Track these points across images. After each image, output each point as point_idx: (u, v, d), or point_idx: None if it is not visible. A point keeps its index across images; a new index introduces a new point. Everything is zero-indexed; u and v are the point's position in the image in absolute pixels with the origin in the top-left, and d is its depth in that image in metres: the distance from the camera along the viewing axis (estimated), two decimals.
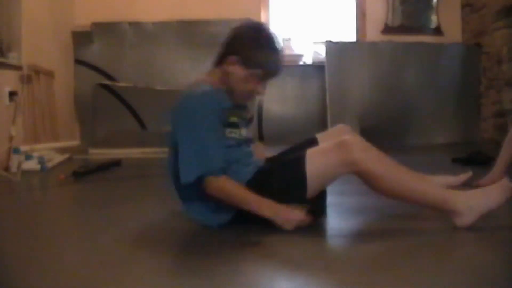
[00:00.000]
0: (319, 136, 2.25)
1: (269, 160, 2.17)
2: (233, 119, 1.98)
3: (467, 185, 2.44)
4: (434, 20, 6.60)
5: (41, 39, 5.16)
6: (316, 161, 1.86)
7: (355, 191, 2.41)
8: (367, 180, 1.86)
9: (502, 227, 1.86)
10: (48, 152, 4.46)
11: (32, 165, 3.95)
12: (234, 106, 2.02)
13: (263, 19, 6.44)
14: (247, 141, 2.07)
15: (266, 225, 1.83)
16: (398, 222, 2.04)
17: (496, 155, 2.83)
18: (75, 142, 5.66)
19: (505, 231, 1.84)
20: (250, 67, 1.95)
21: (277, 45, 1.99)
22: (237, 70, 1.96)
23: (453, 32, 6.60)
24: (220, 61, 2.01)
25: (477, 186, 2.51)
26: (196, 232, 1.94)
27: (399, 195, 1.88)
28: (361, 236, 1.93)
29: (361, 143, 1.85)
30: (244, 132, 2.05)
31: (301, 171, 1.85)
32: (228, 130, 1.96)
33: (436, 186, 2.00)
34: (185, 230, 1.96)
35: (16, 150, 3.96)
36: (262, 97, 2.00)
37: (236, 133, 1.99)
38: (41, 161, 4.01)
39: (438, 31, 6.58)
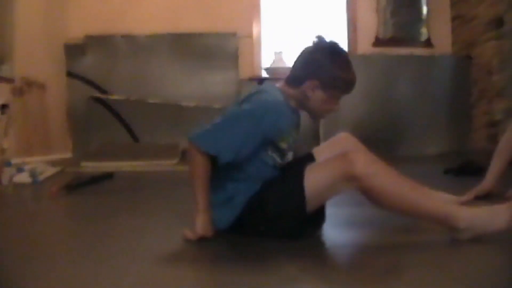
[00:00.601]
0: (321, 146, 2.27)
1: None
2: (283, 144, 1.98)
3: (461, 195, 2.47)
4: (424, 32, 6.65)
5: (34, 52, 5.16)
6: (317, 175, 1.85)
7: (350, 202, 2.41)
8: (369, 196, 1.83)
9: (501, 239, 1.82)
10: (40, 164, 4.44)
11: (23, 178, 3.93)
12: (294, 127, 2.05)
13: (255, 32, 6.48)
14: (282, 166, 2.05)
15: (262, 236, 1.84)
16: (395, 234, 2.04)
17: (488, 165, 2.85)
18: (67, 155, 5.65)
19: (504, 242, 1.81)
20: (331, 89, 1.99)
21: (350, 62, 2.03)
22: (317, 94, 1.99)
23: (444, 44, 6.65)
24: (296, 82, 2.02)
25: (469, 197, 2.53)
26: (189, 243, 1.93)
27: (401, 210, 1.86)
28: (358, 247, 1.92)
29: (365, 157, 1.83)
30: (288, 156, 2.06)
31: (299, 187, 1.84)
32: (270, 150, 1.96)
33: (439, 201, 1.97)
34: (179, 242, 1.95)
35: (8, 163, 3.94)
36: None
37: (278, 157, 1.99)
38: (33, 174, 3.98)
39: (428, 43, 6.63)
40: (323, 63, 1.98)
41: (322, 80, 1.97)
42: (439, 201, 1.96)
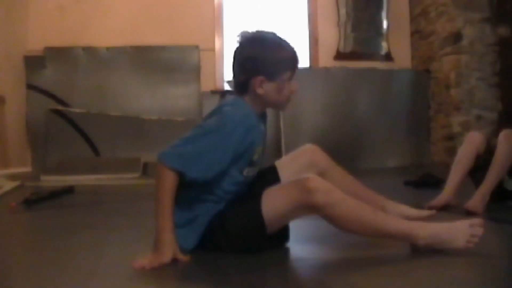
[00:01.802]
0: (284, 159, 2.26)
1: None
2: (255, 157, 1.93)
3: (421, 207, 2.50)
4: (384, 46, 6.77)
5: None
6: (275, 202, 1.82)
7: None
8: (329, 221, 1.82)
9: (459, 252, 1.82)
10: None
11: None
12: (263, 136, 2.00)
13: (217, 45, 6.50)
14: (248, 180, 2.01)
15: (224, 252, 1.84)
16: (359, 247, 2.04)
17: (446, 177, 2.91)
18: (27, 169, 5.55)
19: (463, 255, 1.81)
20: (277, 76, 1.91)
21: (282, 39, 1.95)
22: (268, 87, 1.91)
23: (403, 58, 6.79)
24: (243, 88, 1.95)
25: (429, 208, 2.57)
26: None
27: (363, 233, 1.86)
28: (322, 261, 1.93)
29: (323, 185, 1.78)
30: (259, 164, 2.01)
31: (257, 212, 1.82)
32: (246, 170, 1.92)
33: (398, 220, 1.94)
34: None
35: None
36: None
37: (251, 170, 1.95)
38: None
39: (388, 57, 6.76)
40: (256, 56, 1.90)
41: (265, 72, 1.89)
42: (399, 220, 1.96)
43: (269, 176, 2.09)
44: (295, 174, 2.04)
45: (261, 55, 1.90)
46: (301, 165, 2.15)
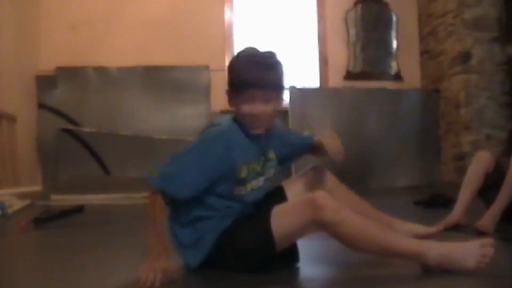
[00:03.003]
0: (292, 179, 2.26)
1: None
2: (242, 174, 1.92)
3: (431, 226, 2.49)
4: (394, 66, 6.78)
5: (4, 83, 5.11)
6: (284, 220, 1.82)
7: (321, 234, 2.41)
8: (338, 238, 1.81)
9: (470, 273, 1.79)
10: (8, 197, 4.37)
11: None
12: (255, 153, 1.99)
13: (227, 66, 6.52)
14: (251, 202, 2.01)
15: (232, 271, 1.83)
16: (367, 266, 2.03)
17: (456, 197, 2.89)
18: (37, 188, 5.56)
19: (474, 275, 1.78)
20: (240, 92, 1.88)
21: (259, 60, 1.92)
22: (236, 102, 1.92)
23: (413, 78, 6.79)
24: (228, 100, 1.98)
25: (438, 228, 2.56)
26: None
27: (373, 252, 1.85)
28: (334, 282, 1.91)
29: (332, 203, 1.78)
30: (255, 183, 2.00)
31: (266, 230, 1.82)
32: (237, 188, 1.93)
33: (408, 239, 1.94)
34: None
35: None
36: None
37: (244, 189, 1.95)
38: (1, 207, 3.92)
39: (398, 77, 6.76)
40: (229, 67, 1.96)
41: (233, 84, 1.92)
42: (409, 239, 1.94)
43: (277, 196, 2.09)
44: (302, 193, 2.05)
45: (233, 66, 1.95)
46: (307, 185, 2.15)
